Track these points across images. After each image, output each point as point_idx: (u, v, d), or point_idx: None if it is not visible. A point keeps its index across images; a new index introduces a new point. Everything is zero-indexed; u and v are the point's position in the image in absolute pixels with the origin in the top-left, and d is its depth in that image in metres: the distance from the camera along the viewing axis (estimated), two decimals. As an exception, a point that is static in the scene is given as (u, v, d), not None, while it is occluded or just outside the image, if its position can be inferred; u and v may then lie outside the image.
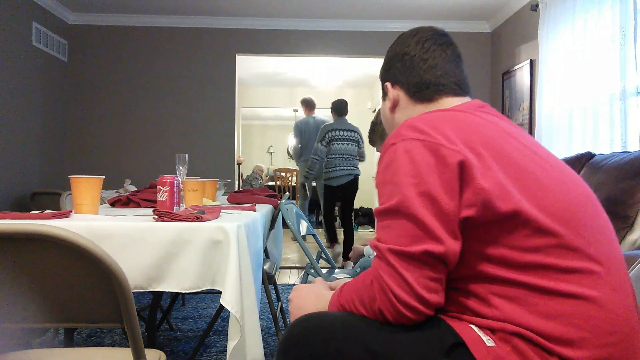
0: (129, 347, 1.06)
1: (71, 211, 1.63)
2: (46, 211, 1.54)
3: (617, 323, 0.81)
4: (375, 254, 0.88)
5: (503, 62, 4.83)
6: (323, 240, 5.38)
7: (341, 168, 4.63)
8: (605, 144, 2.94)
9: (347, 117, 4.85)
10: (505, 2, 4.55)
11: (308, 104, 5.83)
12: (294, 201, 2.72)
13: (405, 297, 0.81)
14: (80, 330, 2.67)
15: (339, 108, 4.76)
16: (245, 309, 1.38)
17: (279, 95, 8.94)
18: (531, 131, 4.13)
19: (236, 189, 5.79)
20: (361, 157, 4.77)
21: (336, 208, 6.89)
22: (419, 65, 1.07)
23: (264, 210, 2.10)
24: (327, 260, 2.52)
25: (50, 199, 4.08)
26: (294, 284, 2.23)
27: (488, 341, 0.82)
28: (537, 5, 3.84)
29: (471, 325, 0.85)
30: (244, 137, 10.44)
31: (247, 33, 5.12)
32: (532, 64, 4.15)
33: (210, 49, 5.11)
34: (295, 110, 10.17)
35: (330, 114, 4.90)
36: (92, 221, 1.46)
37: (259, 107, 9.45)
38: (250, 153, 11.67)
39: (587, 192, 0.93)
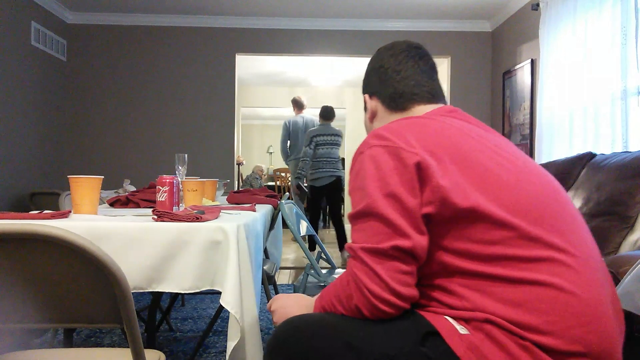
0: (128, 347, 1.06)
1: (70, 211, 1.63)
2: (45, 211, 1.54)
3: (583, 306, 0.84)
4: None
5: (504, 61, 4.83)
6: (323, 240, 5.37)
7: (325, 170, 4.97)
8: (606, 144, 2.93)
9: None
10: (506, 2, 4.54)
11: (297, 104, 6.00)
12: (293, 201, 2.71)
13: (379, 291, 0.87)
14: (79, 331, 2.66)
15: (326, 114, 5.08)
16: (245, 310, 1.38)
17: (279, 94, 8.92)
18: (532, 131, 4.12)
19: (236, 189, 5.79)
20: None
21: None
22: (393, 76, 1.15)
23: (263, 210, 2.10)
24: (327, 260, 2.51)
25: (49, 199, 4.08)
26: (293, 285, 2.23)
27: (462, 329, 0.86)
28: (538, 5, 3.84)
29: (446, 317, 0.89)
30: (244, 137, 10.44)
31: (247, 32, 5.11)
32: (533, 63, 4.15)
33: (210, 48, 5.10)
34: (295, 110, 10.17)
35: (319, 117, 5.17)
36: (91, 221, 1.46)
37: (258, 107, 9.44)
38: (250, 153, 11.67)
39: (550, 186, 0.98)
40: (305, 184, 5.66)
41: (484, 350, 0.83)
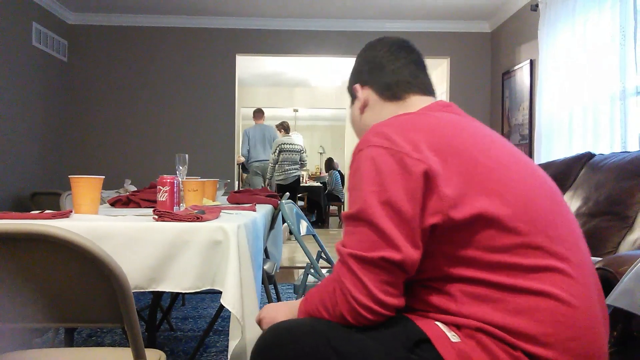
0: (129, 347, 1.07)
1: (71, 211, 1.63)
2: (46, 211, 1.54)
3: (580, 317, 0.83)
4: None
5: (503, 62, 4.84)
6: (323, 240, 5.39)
7: (289, 172, 6.42)
8: (605, 144, 2.94)
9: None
10: (505, 2, 4.55)
11: (257, 114, 7.11)
12: (293, 201, 2.72)
13: (363, 299, 0.85)
14: (80, 330, 2.67)
15: (288, 128, 6.77)
16: (245, 309, 1.38)
17: (279, 95, 8.93)
18: (531, 131, 4.13)
19: (236, 189, 5.81)
20: (302, 161, 6.60)
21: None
22: (388, 66, 1.11)
23: (264, 210, 2.10)
24: (327, 260, 2.52)
25: (50, 199, 4.08)
26: (293, 284, 2.24)
27: (453, 337, 0.84)
28: (537, 5, 3.84)
29: (437, 323, 0.87)
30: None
31: (247, 33, 5.12)
32: (532, 64, 4.15)
33: (210, 49, 5.11)
34: (296, 110, 10.18)
35: (279, 128, 6.72)
36: (92, 221, 1.46)
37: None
38: (250, 153, 11.65)
39: (552, 189, 0.95)
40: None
41: (474, 358, 0.82)
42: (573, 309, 0.83)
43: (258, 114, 6.92)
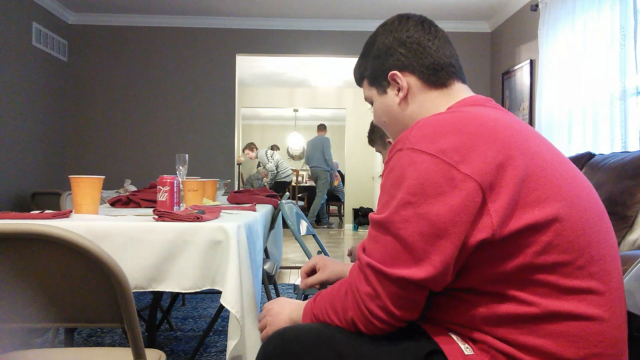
0: (129, 347, 1.07)
1: (71, 211, 1.63)
2: (46, 211, 1.54)
3: (608, 331, 0.79)
4: None
5: (503, 62, 4.84)
6: (323, 239, 5.39)
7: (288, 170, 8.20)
8: (605, 144, 2.94)
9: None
10: (505, 2, 4.55)
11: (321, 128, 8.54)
12: (293, 201, 2.73)
13: (375, 310, 0.81)
14: (80, 330, 2.67)
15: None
16: (245, 309, 1.38)
17: (279, 95, 8.93)
18: (531, 131, 4.13)
19: (236, 189, 5.81)
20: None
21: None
22: (428, 46, 0.96)
23: (264, 210, 2.10)
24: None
25: (50, 199, 4.08)
26: (294, 284, 2.24)
27: (466, 349, 0.80)
28: (537, 5, 3.84)
29: (450, 334, 0.83)
30: (244, 137, 10.45)
31: (247, 33, 5.12)
32: (532, 63, 4.15)
33: (211, 49, 5.11)
34: (296, 110, 10.17)
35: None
36: (92, 221, 1.47)
37: (259, 107, 9.45)
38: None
39: (599, 201, 0.87)
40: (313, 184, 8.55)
41: None
42: (603, 323, 0.78)
43: (321, 126, 8.57)
